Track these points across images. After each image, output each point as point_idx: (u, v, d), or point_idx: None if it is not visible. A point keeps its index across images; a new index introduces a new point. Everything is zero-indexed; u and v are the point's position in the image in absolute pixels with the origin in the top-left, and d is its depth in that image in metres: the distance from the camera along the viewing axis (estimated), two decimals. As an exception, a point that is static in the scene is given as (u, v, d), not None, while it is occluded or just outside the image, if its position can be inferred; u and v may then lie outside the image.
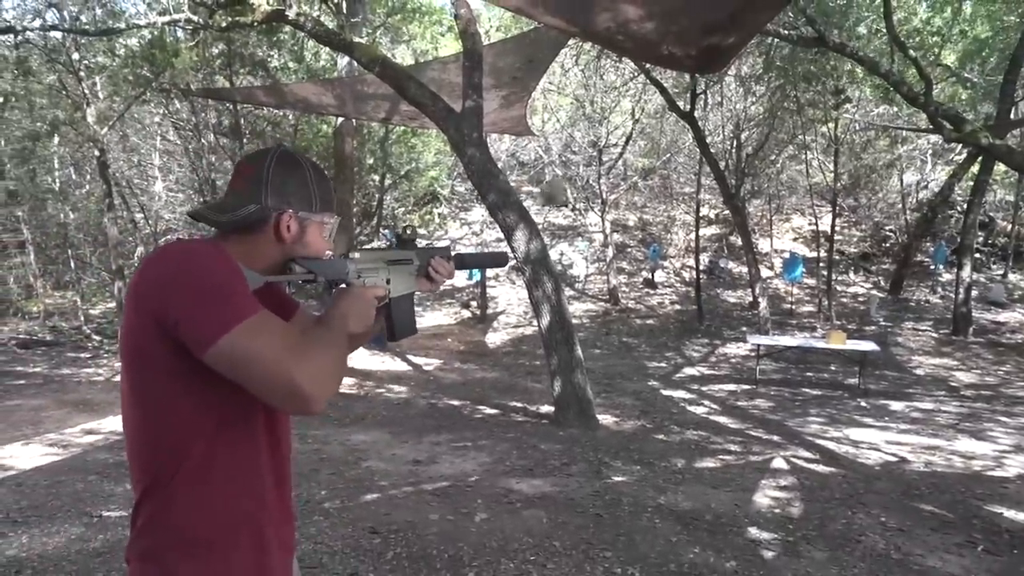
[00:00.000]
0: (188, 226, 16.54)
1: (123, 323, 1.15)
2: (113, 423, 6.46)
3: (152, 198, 15.15)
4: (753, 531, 3.96)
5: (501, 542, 3.66)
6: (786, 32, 8.57)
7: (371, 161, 14.69)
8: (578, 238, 20.10)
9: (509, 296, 16.91)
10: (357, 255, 1.37)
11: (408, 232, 1.49)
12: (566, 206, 21.54)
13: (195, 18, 8.14)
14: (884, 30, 9.43)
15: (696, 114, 12.85)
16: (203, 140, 13.49)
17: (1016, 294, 15.71)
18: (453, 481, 4.79)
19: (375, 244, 17.27)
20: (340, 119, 11.24)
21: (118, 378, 7.50)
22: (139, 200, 14.75)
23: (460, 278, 14.77)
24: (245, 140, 12.71)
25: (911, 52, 8.33)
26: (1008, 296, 15.45)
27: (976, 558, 3.66)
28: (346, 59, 11.22)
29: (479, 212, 21.06)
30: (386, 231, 17.63)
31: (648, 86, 14.16)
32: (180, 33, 11.05)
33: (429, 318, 15.10)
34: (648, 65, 11.64)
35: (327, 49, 14.53)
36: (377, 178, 15.89)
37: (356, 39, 7.59)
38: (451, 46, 15.01)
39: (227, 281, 1.08)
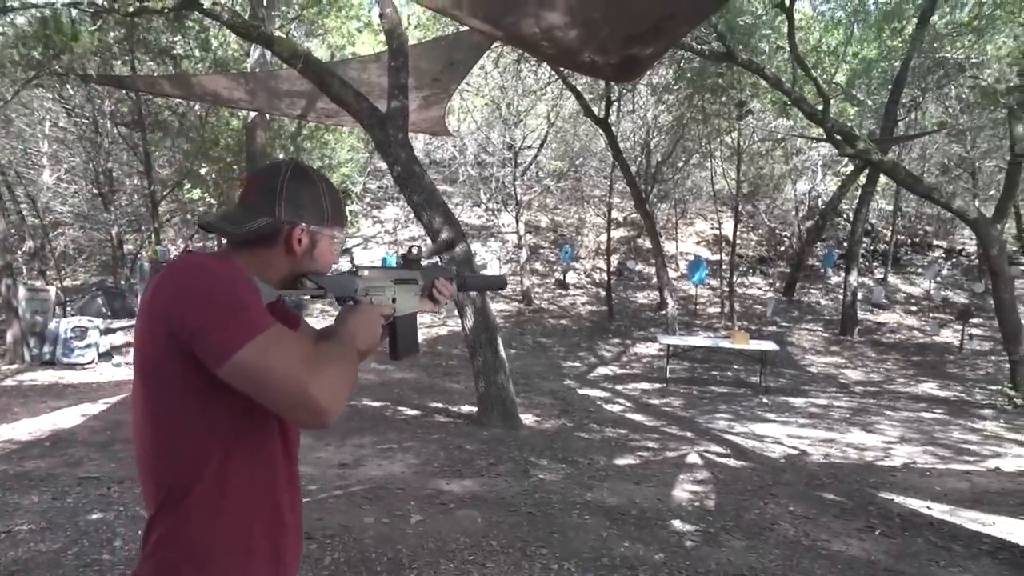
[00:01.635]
0: (78, 219, 15.59)
1: (137, 338, 1.14)
2: (8, 431, 6.04)
3: (40, 189, 14.14)
4: (676, 524, 4.18)
5: (439, 543, 3.70)
6: (698, 47, 8.98)
7: (283, 156, 14.26)
8: (491, 238, 20.26)
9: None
10: (366, 272, 1.39)
11: (414, 252, 1.51)
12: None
13: (99, 0, 7.68)
14: (784, 48, 10.05)
15: (609, 120, 13.22)
16: (100, 129, 12.72)
17: (896, 296, 17.04)
18: (383, 483, 4.78)
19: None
20: (252, 113, 10.88)
21: (9, 382, 6.99)
22: (27, 191, 13.74)
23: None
24: (147, 130, 12.09)
25: (812, 72, 8.89)
26: (888, 298, 16.74)
27: (874, 541, 4.00)
28: (258, 51, 10.88)
29: (392, 210, 20.85)
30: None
31: (564, 91, 14.45)
32: (76, 14, 10.39)
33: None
34: (566, 71, 11.89)
35: (236, 38, 14.08)
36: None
37: (276, 33, 7.38)
38: (368, 43, 14.81)
39: (241, 295, 1.09)
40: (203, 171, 12.37)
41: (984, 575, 3.54)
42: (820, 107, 8.55)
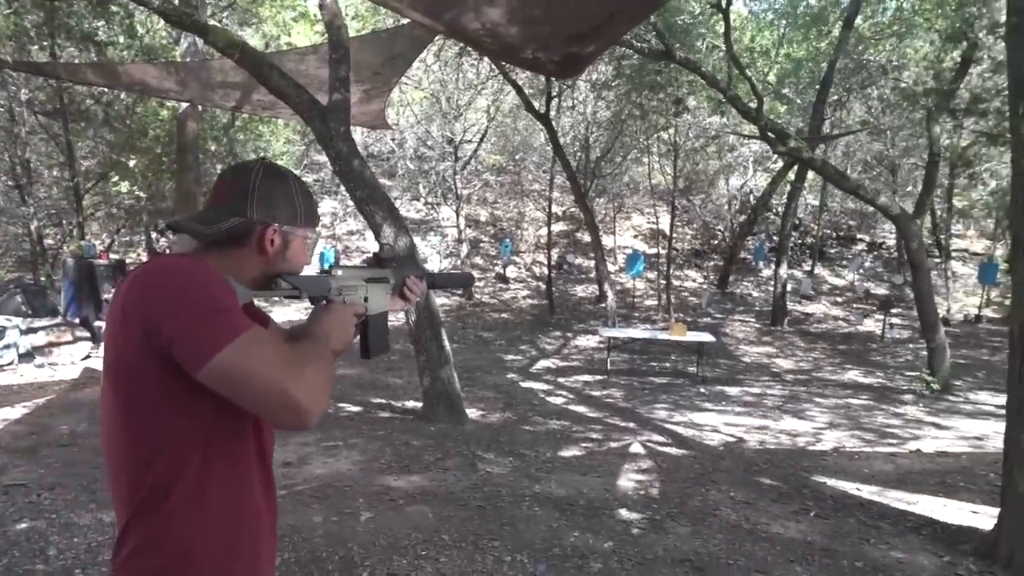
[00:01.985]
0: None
1: (107, 340, 1.11)
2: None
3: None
4: (623, 512, 4.27)
5: (390, 539, 3.68)
6: (638, 44, 9.13)
7: (215, 148, 13.83)
8: (431, 232, 20.16)
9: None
10: (340, 271, 1.38)
11: (385, 250, 1.51)
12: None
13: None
14: (719, 47, 10.32)
15: (550, 115, 13.32)
16: (16, 118, 12.04)
17: (822, 288, 17.78)
18: (329, 481, 4.72)
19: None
20: (183, 103, 10.50)
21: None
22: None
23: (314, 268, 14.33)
24: (70, 120, 11.51)
25: (747, 72, 9.17)
26: (815, 290, 17.45)
27: (810, 522, 4.19)
28: (189, 39, 10.50)
29: (330, 204, 20.52)
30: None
31: (505, 85, 14.48)
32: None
33: (278, 313, 14.51)
34: (507, 65, 11.92)
35: (164, 24, 13.54)
36: (220, 167, 14.98)
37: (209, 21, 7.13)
38: (304, 34, 14.47)
39: (218, 296, 1.07)
40: (131, 163, 11.86)
41: (910, 550, 3.76)
42: (754, 105, 8.84)
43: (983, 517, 4.22)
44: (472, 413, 7.21)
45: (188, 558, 1.10)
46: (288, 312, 13.90)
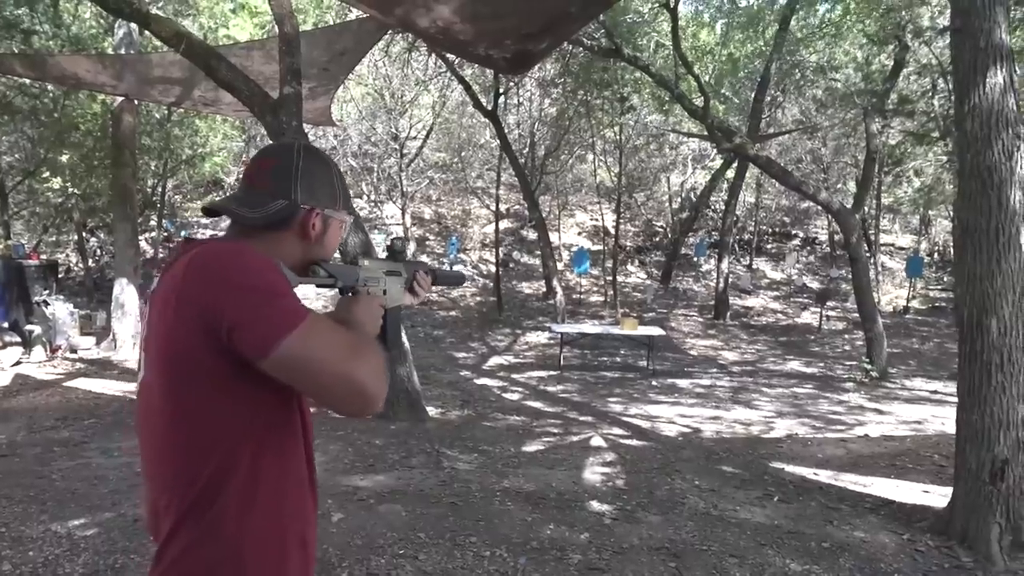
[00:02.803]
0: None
1: (156, 332, 1.05)
2: None
3: None
4: (595, 504, 4.31)
5: (366, 539, 3.62)
6: (588, 42, 9.22)
7: (149, 143, 13.27)
8: (374, 230, 19.90)
9: (307, 289, 16.31)
10: (366, 263, 1.35)
11: (397, 244, 1.48)
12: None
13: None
14: (665, 46, 10.52)
15: (497, 112, 13.33)
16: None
17: (760, 282, 18.35)
18: (294, 484, 4.60)
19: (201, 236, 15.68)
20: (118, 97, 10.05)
21: None
22: None
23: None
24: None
25: (695, 70, 9.37)
26: (754, 284, 18.00)
27: (775, 507, 4.32)
28: (123, 29, 10.06)
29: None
30: (166, 222, 16.10)
31: (451, 81, 14.41)
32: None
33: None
34: (456, 61, 11.86)
35: (94, 14, 12.92)
36: (155, 164, 14.40)
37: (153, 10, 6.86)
38: (241, 28, 14.01)
39: (277, 282, 1.04)
40: (63, 158, 11.28)
41: (871, 530, 3.91)
42: (700, 103, 9.06)
43: (934, 496, 4.43)
44: (431, 411, 7.16)
45: (240, 555, 1.05)
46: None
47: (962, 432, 3.77)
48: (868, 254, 17.29)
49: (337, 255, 1.44)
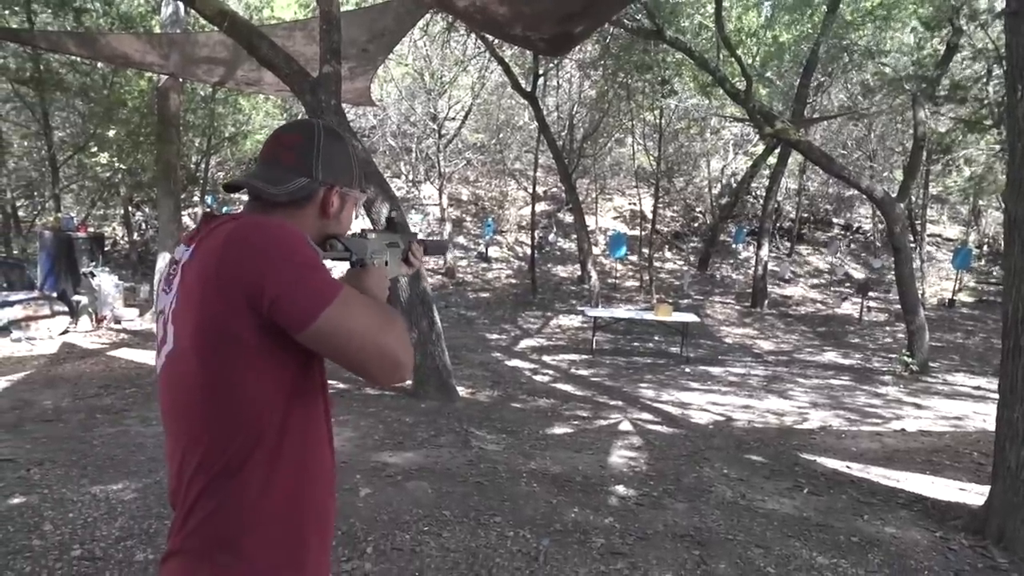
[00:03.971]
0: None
1: (188, 304, 1.08)
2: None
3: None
4: (620, 489, 4.31)
5: (392, 515, 3.67)
6: (628, 23, 9.08)
7: (194, 121, 13.52)
8: (412, 210, 20.00)
9: (343, 266, 16.51)
10: (373, 235, 1.37)
11: (395, 215, 1.51)
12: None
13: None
14: (708, 27, 10.30)
15: (536, 94, 13.23)
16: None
17: (800, 271, 18.00)
18: (325, 458, 4.69)
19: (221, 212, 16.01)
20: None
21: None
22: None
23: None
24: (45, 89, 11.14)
25: (737, 52, 9.17)
26: (793, 272, 17.67)
27: (804, 499, 4.26)
28: (170, 8, 10.22)
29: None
30: (208, 197, 16.40)
31: (490, 62, 14.34)
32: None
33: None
34: (495, 42, 11.79)
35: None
36: (199, 141, 14.67)
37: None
38: (286, 6, 14.15)
39: (313, 255, 1.07)
40: (111, 133, 11.55)
41: (903, 526, 3.84)
42: (742, 87, 8.87)
43: (971, 494, 4.33)
44: (461, 391, 7.21)
45: (260, 523, 1.08)
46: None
47: (1002, 430, 3.67)
48: (913, 244, 16.86)
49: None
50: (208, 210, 1.30)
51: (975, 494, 4.26)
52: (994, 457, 3.72)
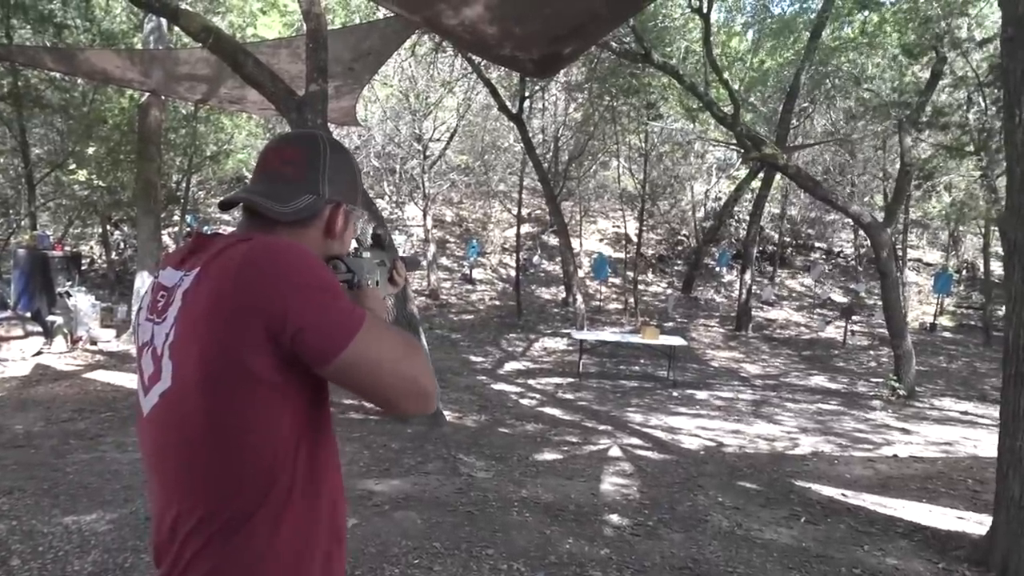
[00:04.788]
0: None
1: (191, 336, 0.95)
2: None
3: None
4: (615, 518, 4.19)
5: (380, 547, 3.52)
6: (616, 46, 9.11)
7: (175, 139, 13.33)
8: (395, 232, 19.87)
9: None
10: (367, 255, 1.28)
11: (382, 233, 1.43)
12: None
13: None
14: (696, 52, 10.36)
15: (522, 116, 13.24)
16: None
17: (782, 294, 18.07)
18: (308, 486, 4.52)
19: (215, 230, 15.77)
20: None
21: None
22: None
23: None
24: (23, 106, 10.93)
25: (725, 76, 9.22)
26: (776, 296, 17.73)
27: (802, 528, 4.16)
28: (151, 24, 10.10)
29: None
30: (189, 217, 16.16)
31: (476, 84, 14.35)
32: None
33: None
34: (482, 64, 11.80)
35: (124, 9, 13.01)
36: (180, 159, 14.46)
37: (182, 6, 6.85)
38: (270, 26, 14.07)
39: (334, 279, 0.98)
40: (90, 151, 11.34)
41: (904, 556, 3.75)
42: (729, 111, 8.90)
43: (970, 523, 4.26)
44: (447, 415, 7.06)
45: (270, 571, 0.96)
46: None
47: (1004, 458, 3.60)
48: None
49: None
50: (204, 230, 1.18)
51: (974, 523, 4.19)
52: (996, 486, 3.65)
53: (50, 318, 9.41)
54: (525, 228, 20.64)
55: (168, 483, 0.99)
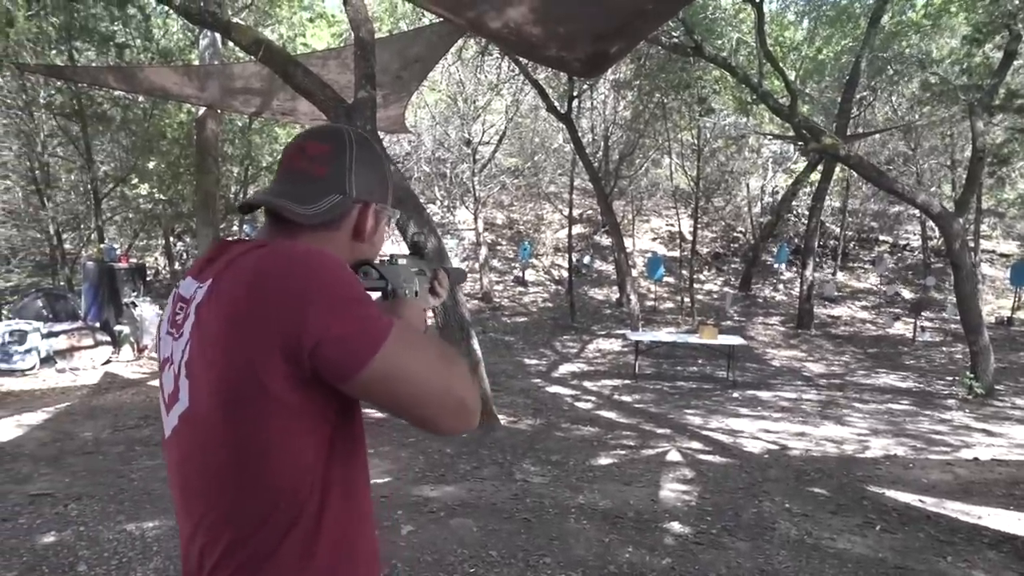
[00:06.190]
0: (11, 217, 14.64)
1: (206, 353, 0.88)
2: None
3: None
4: (676, 526, 4.03)
5: (435, 555, 3.46)
6: (666, 41, 8.90)
7: (231, 151, 13.70)
8: (447, 236, 19.96)
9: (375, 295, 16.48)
10: (403, 262, 1.19)
11: (421, 241, 1.33)
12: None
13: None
14: (748, 43, 10.05)
15: (571, 116, 13.10)
16: (36, 121, 11.94)
17: (845, 290, 17.43)
18: (363, 492, 4.50)
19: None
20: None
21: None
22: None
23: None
24: (88, 123, 11.40)
25: (781, 66, 8.92)
26: (839, 292, 17.10)
27: (877, 537, 3.93)
28: (206, 39, 10.37)
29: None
30: (247, 227, 16.56)
31: (524, 85, 14.28)
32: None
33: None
34: (529, 65, 11.72)
35: (181, 26, 13.42)
36: (237, 171, 14.85)
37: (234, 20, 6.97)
38: (318, 37, 14.33)
39: (359, 287, 0.89)
40: (151, 165, 11.74)
41: (992, 570, 3.49)
42: (786, 103, 8.59)
43: (1064, 532, 3.95)
44: (502, 419, 6.99)
45: None
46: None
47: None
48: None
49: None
50: (234, 237, 1.12)
51: (1070, 532, 3.89)
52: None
53: (117, 328, 9.74)
54: (577, 229, 20.47)
55: (189, 510, 0.93)
